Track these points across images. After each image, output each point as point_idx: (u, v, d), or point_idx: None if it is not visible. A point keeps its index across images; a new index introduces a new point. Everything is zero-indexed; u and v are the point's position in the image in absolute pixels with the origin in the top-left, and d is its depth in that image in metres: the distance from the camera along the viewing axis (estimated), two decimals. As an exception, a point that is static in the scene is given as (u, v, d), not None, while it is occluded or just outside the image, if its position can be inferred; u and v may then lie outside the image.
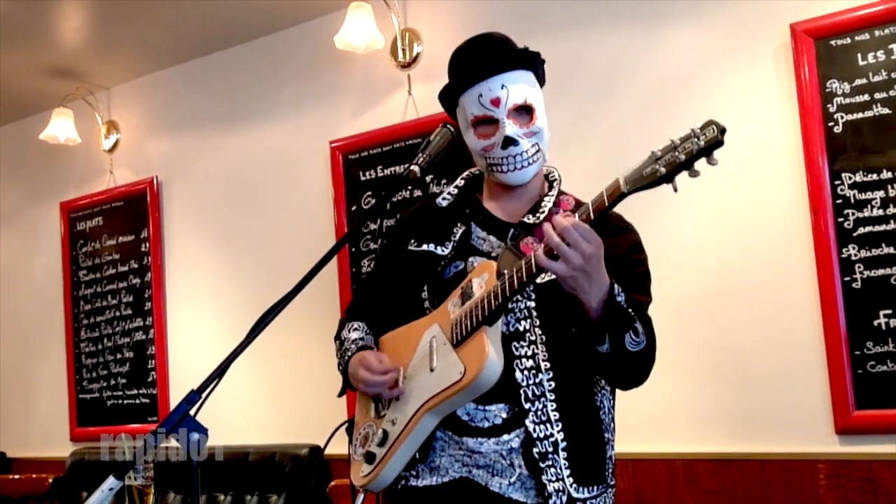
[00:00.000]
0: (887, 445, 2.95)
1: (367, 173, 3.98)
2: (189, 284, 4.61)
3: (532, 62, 2.17)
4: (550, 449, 2.03)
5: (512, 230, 2.16)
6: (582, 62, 3.47)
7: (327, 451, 2.98)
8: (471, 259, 2.17)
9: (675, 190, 1.81)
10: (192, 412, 1.67)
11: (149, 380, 4.61)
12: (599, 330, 1.96)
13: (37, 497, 4.45)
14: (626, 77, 3.47)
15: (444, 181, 3.74)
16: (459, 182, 2.29)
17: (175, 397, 4.42)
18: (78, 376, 4.95)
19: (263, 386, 4.21)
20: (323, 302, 3.87)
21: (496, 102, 2.10)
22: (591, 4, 3.51)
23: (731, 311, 3.22)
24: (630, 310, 1.96)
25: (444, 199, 2.27)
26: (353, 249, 3.95)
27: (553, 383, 2.06)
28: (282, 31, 4.31)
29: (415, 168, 2.11)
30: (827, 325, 3.04)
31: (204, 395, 1.69)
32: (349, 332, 2.29)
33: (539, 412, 2.05)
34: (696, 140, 1.79)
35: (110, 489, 1.64)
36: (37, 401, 5.16)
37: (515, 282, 1.95)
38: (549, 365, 2.07)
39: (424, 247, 2.22)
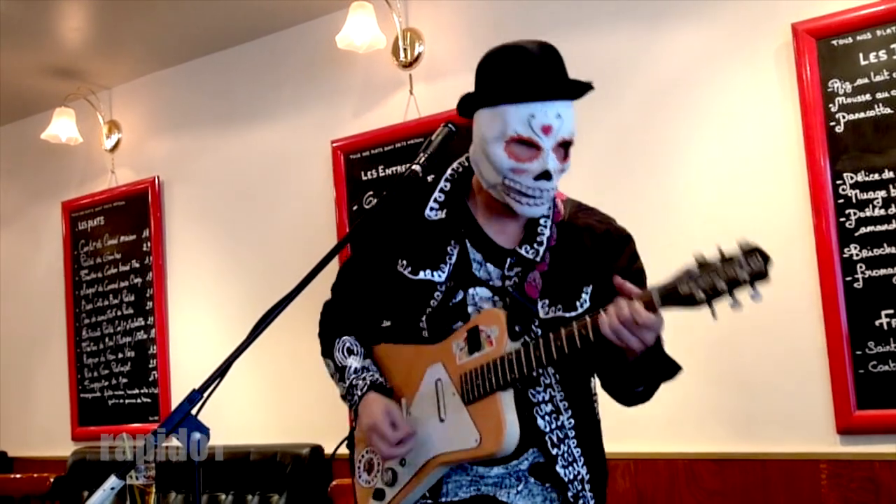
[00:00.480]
0: (889, 445, 2.96)
1: (369, 173, 3.98)
2: (190, 284, 4.60)
3: (588, 91, 2.07)
4: (580, 488, 2.05)
5: (510, 258, 2.09)
6: (583, 62, 3.37)
7: (328, 450, 2.97)
8: (471, 291, 2.10)
9: (715, 317, 1.78)
10: (193, 412, 1.66)
11: (150, 379, 4.61)
12: (650, 376, 2.00)
13: (38, 497, 4.44)
14: (628, 77, 3.47)
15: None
16: (445, 185, 2.18)
17: (176, 397, 4.42)
18: (79, 375, 4.95)
19: (265, 385, 4.21)
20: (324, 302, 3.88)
21: (547, 130, 1.98)
22: (593, 4, 3.52)
23: (732, 312, 3.16)
24: (670, 359, 2.00)
25: (432, 209, 2.16)
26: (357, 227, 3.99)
27: (573, 421, 2.07)
28: (283, 30, 4.31)
29: (416, 168, 2.04)
30: (828, 324, 3.05)
31: (205, 395, 1.69)
32: (344, 356, 2.21)
33: (566, 454, 2.07)
34: (740, 269, 1.75)
35: (112, 488, 1.64)
36: (38, 400, 5.16)
37: (535, 362, 1.94)
38: (566, 404, 2.08)
39: (421, 275, 2.12)
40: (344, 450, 2.30)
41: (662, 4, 3.39)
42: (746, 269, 1.75)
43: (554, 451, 2.03)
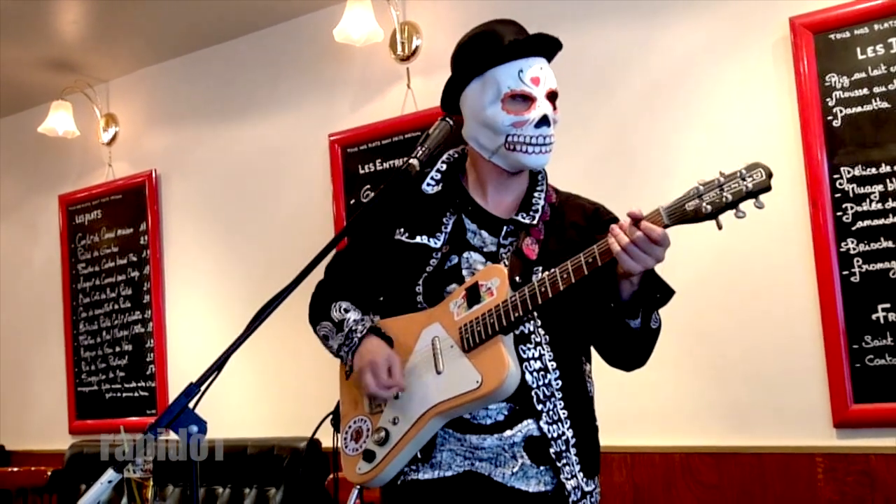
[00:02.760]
0: (885, 439, 2.98)
1: (367, 167, 3.99)
2: (188, 277, 4.61)
3: (556, 53, 2.20)
4: (564, 448, 2.08)
5: (505, 227, 2.16)
6: (583, 57, 3.48)
7: (326, 445, 2.98)
8: (465, 254, 2.16)
9: (720, 227, 1.85)
10: (190, 405, 1.66)
11: (147, 373, 4.62)
12: (646, 305, 2.04)
13: (35, 490, 4.44)
14: (627, 71, 3.49)
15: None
16: (441, 166, 2.27)
17: (174, 390, 4.43)
18: (76, 369, 4.96)
19: (262, 379, 4.22)
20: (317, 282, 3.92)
21: (536, 81, 2.10)
22: (588, 1, 3.51)
23: (729, 305, 3.25)
24: (664, 282, 2.06)
25: (428, 185, 2.23)
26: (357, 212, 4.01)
27: (560, 382, 2.10)
28: (280, 24, 4.31)
29: (414, 161, 2.09)
30: (825, 318, 3.07)
31: (203, 389, 1.69)
32: (341, 312, 2.24)
33: (550, 412, 2.09)
34: (743, 182, 1.83)
35: (109, 482, 1.64)
36: (35, 393, 5.17)
37: (540, 297, 1.99)
38: (555, 364, 2.10)
39: (417, 239, 2.19)
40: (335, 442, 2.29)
41: (657, 1, 3.38)
42: (749, 180, 1.83)
43: (539, 407, 2.07)
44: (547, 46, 2.15)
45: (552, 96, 2.13)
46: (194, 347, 4.46)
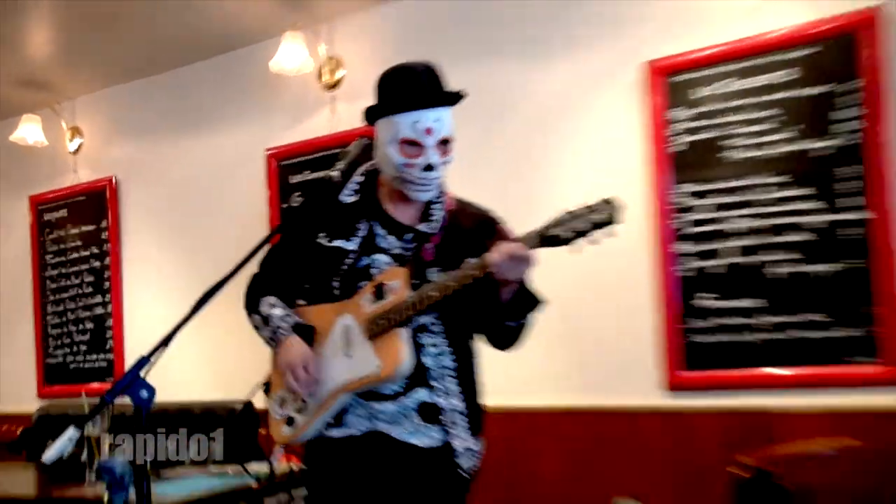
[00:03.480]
0: (706, 400, 3.05)
1: (297, 177, 4.03)
2: (143, 267, 4.58)
3: (460, 100, 2.18)
4: (455, 416, 2.13)
5: (408, 234, 2.19)
6: (481, 90, 3.43)
7: (259, 406, 2.98)
8: (375, 256, 2.18)
9: (580, 251, 1.92)
10: (141, 374, 1.68)
11: (106, 347, 4.62)
12: (520, 309, 2.11)
13: (7, 444, 4.38)
14: (516, 104, 3.50)
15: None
16: (359, 178, 2.27)
17: (129, 361, 4.33)
18: (45, 344, 4.91)
19: (207, 351, 4.19)
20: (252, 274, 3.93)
21: (429, 132, 2.10)
22: (489, 41, 3.55)
23: (587, 295, 3.29)
24: (535, 294, 2.13)
25: (347, 195, 2.24)
26: (284, 213, 4.03)
27: (454, 363, 2.15)
28: (226, 53, 4.25)
29: (334, 173, 2.12)
30: (661, 304, 3.13)
31: (152, 360, 1.70)
32: (269, 307, 2.24)
33: (445, 388, 2.13)
34: (598, 215, 1.91)
35: (70, 438, 1.65)
36: (9, 365, 5.05)
37: (431, 299, 2.04)
38: (450, 350, 2.15)
39: (336, 242, 2.20)
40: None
41: (542, 42, 3.44)
42: (604, 213, 1.90)
43: (433, 383, 2.11)
44: (442, 100, 2.14)
45: (444, 142, 2.13)
46: (147, 326, 4.40)
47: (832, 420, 2.83)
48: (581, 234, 1.93)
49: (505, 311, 2.11)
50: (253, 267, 2.17)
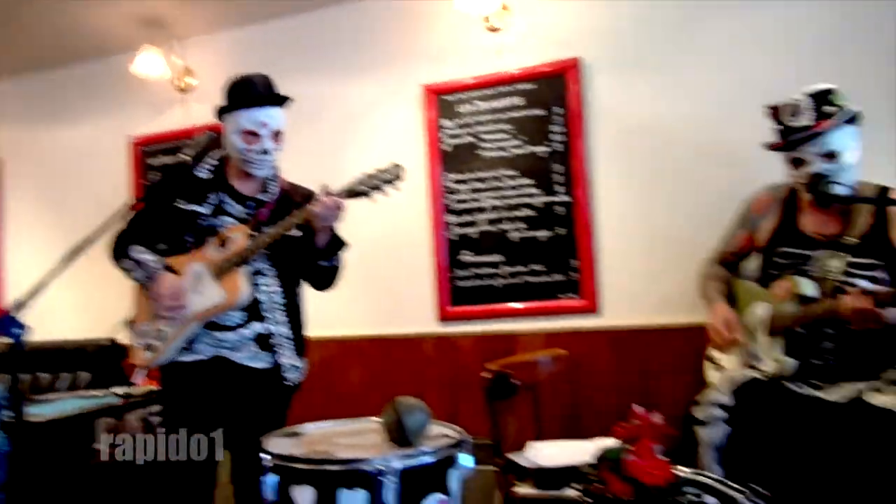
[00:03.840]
0: (467, 327, 3.21)
1: (156, 160, 3.93)
2: (26, 235, 4.29)
3: (287, 102, 2.24)
4: (284, 342, 2.18)
5: (249, 202, 2.22)
6: (299, 100, 3.42)
7: (122, 342, 2.95)
8: (223, 217, 2.20)
9: (374, 201, 2.04)
10: (15, 315, 1.66)
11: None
12: (331, 251, 2.19)
13: None
14: (326, 112, 3.50)
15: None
16: (214, 161, 2.28)
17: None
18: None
19: (78, 298, 4.00)
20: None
21: (263, 125, 2.15)
22: (306, 61, 3.54)
23: (383, 251, 3.35)
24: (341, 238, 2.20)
25: (201, 172, 2.24)
26: (147, 184, 3.91)
27: (284, 299, 2.19)
28: (98, 58, 4.05)
29: (185, 156, 2.15)
30: (436, 258, 3.25)
31: (26, 303, 1.70)
32: (139, 254, 2.21)
33: (273, 318, 2.17)
34: (387, 174, 2.01)
35: None
36: None
37: (263, 244, 2.09)
38: (280, 289, 2.19)
39: (191, 206, 2.20)
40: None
41: (347, 66, 3.47)
42: (393, 173, 2.04)
43: (265, 315, 2.15)
44: (274, 101, 2.20)
45: (277, 133, 2.18)
46: (29, 278, 4.09)
47: (548, 338, 3.02)
48: (376, 188, 2.03)
49: (319, 254, 2.16)
50: (116, 228, 2.16)
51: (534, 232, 3.11)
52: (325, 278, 2.28)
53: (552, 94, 3.07)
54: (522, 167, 3.13)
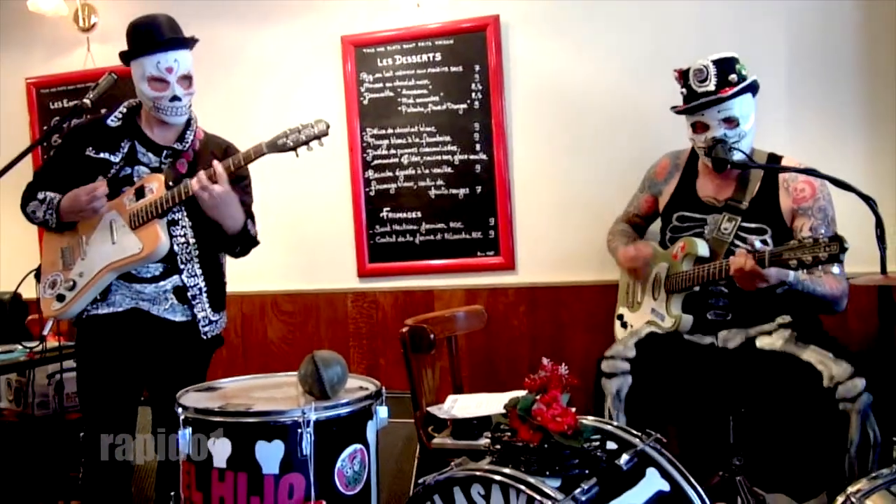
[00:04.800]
0: (386, 283, 3.24)
1: (56, 104, 3.72)
2: None
3: (194, 43, 2.18)
4: (198, 293, 2.18)
5: (165, 151, 2.19)
6: (208, 47, 3.27)
7: (26, 297, 2.86)
8: (136, 167, 2.17)
9: (297, 155, 2.01)
10: None
11: None
12: (235, 243, 2.18)
13: None
14: (236, 61, 3.40)
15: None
16: (123, 109, 2.23)
17: None
18: None
19: None
20: (21, 187, 3.63)
21: (170, 70, 2.09)
22: (217, 7, 3.41)
23: (306, 208, 3.33)
24: (253, 229, 2.19)
25: (112, 120, 2.20)
26: (45, 157, 3.63)
27: (198, 251, 2.18)
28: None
29: (86, 101, 2.09)
30: (356, 216, 3.24)
31: None
32: (44, 195, 2.16)
33: (189, 270, 2.16)
34: (312, 129, 2.00)
35: None
36: None
37: (180, 195, 2.06)
38: (194, 241, 2.18)
39: (101, 154, 2.16)
40: (33, 294, 2.27)
41: (259, 14, 3.36)
42: (317, 127, 2.01)
43: (181, 266, 2.15)
44: (179, 44, 2.13)
45: (185, 77, 2.13)
46: None
47: (467, 293, 3.11)
48: (301, 143, 2.02)
49: (227, 241, 2.17)
50: (18, 171, 2.07)
51: (453, 189, 3.16)
52: (233, 254, 2.27)
53: (472, 50, 3.08)
54: (442, 124, 3.14)
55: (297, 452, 1.64)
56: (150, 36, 2.11)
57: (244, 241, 2.22)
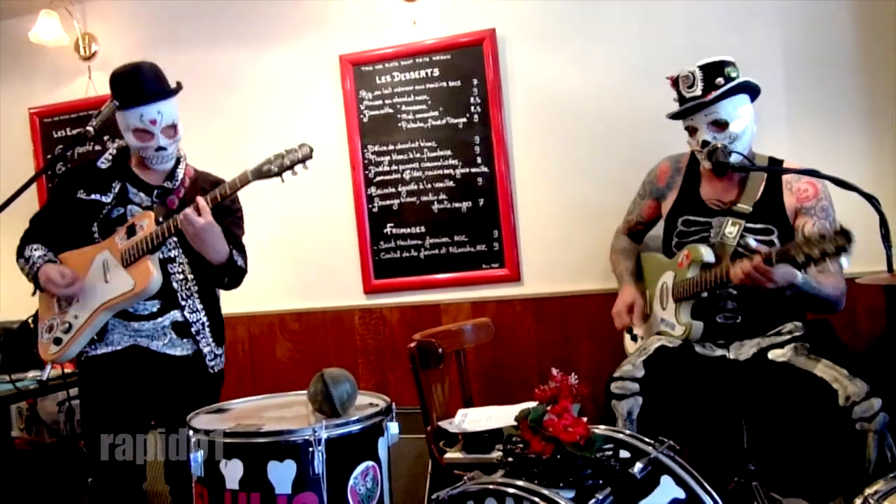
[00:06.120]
0: (392, 298, 3.23)
1: (59, 132, 3.74)
2: None
3: (177, 92, 2.15)
4: (201, 327, 2.18)
5: (156, 190, 2.19)
6: (210, 67, 3.43)
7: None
8: (129, 207, 2.17)
9: (283, 181, 1.98)
10: None
11: None
12: (222, 275, 2.15)
13: None
14: (240, 82, 3.42)
15: (116, 139, 3.63)
16: (113, 151, 2.24)
17: None
18: None
19: None
20: (27, 216, 3.61)
21: (153, 122, 2.09)
22: (217, 28, 3.45)
23: (309, 227, 3.33)
24: (240, 261, 2.16)
25: (102, 162, 2.21)
26: (50, 185, 3.70)
27: (196, 287, 2.18)
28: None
29: (89, 129, 2.08)
30: (359, 232, 3.24)
31: None
32: (31, 251, 2.16)
33: (191, 306, 2.16)
34: (296, 154, 1.96)
35: None
36: None
37: (170, 229, 2.05)
38: (192, 277, 2.18)
39: (93, 196, 2.16)
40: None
41: (257, 36, 3.38)
42: (300, 152, 1.99)
43: (182, 303, 2.15)
44: (161, 95, 2.10)
45: (170, 127, 2.12)
46: None
47: (474, 306, 3.10)
48: (285, 168, 1.99)
49: (213, 272, 2.16)
50: (17, 206, 2.06)
51: (455, 203, 3.15)
52: (224, 279, 2.23)
53: (469, 64, 3.09)
54: (442, 138, 3.15)
55: (310, 471, 1.63)
56: (133, 89, 2.09)
57: (231, 273, 2.20)
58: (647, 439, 1.68)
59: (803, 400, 1.99)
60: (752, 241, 1.97)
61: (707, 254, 2.20)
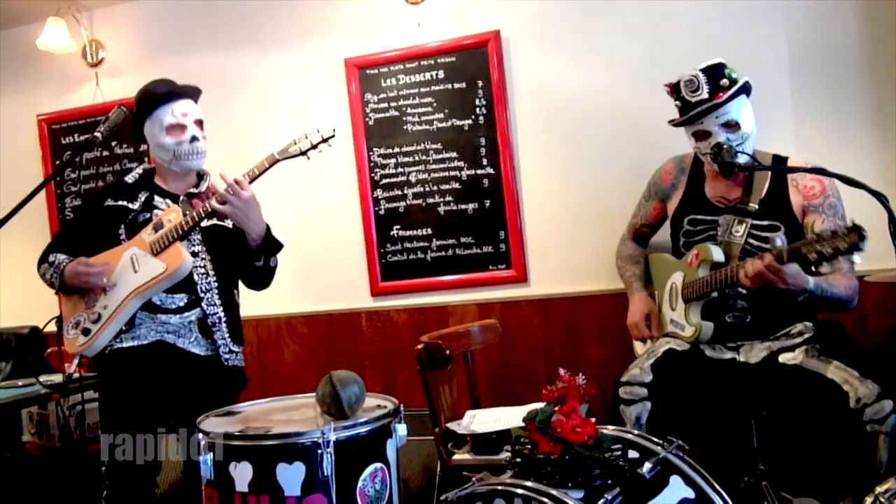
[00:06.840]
0: (399, 300, 3.25)
1: (67, 139, 3.77)
2: None
3: (200, 93, 2.29)
4: (218, 321, 2.19)
5: (182, 197, 2.25)
6: (216, 72, 3.45)
7: (47, 330, 2.86)
8: (154, 212, 2.21)
9: (308, 158, 2.10)
10: None
11: None
12: (260, 253, 2.19)
13: None
14: (246, 86, 3.45)
15: (124, 145, 3.66)
16: (140, 170, 2.32)
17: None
18: None
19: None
20: (37, 222, 3.67)
21: (185, 115, 2.20)
22: (221, 34, 3.47)
23: (317, 230, 3.35)
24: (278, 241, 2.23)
25: (129, 178, 2.29)
26: (59, 191, 3.75)
27: (217, 283, 2.21)
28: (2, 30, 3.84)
29: (97, 134, 2.12)
30: (366, 234, 3.25)
31: None
32: (56, 257, 2.20)
33: (209, 299, 2.18)
34: (317, 135, 2.07)
35: None
36: None
37: (200, 214, 2.11)
38: (214, 273, 2.21)
39: (120, 202, 2.23)
40: (53, 326, 2.28)
41: (266, 35, 3.40)
42: (321, 134, 2.10)
43: (202, 296, 2.17)
44: (189, 94, 2.26)
45: (199, 122, 2.24)
46: None
47: (481, 308, 3.10)
48: (310, 147, 2.09)
49: (252, 254, 2.20)
50: (28, 211, 2.06)
51: (462, 205, 3.16)
52: (258, 279, 2.32)
53: (474, 66, 3.10)
54: (448, 140, 3.16)
55: (319, 473, 1.63)
56: (159, 90, 2.23)
57: (269, 249, 2.25)
58: (655, 439, 1.67)
59: (814, 402, 1.98)
60: (779, 240, 1.95)
61: (717, 253, 2.19)
